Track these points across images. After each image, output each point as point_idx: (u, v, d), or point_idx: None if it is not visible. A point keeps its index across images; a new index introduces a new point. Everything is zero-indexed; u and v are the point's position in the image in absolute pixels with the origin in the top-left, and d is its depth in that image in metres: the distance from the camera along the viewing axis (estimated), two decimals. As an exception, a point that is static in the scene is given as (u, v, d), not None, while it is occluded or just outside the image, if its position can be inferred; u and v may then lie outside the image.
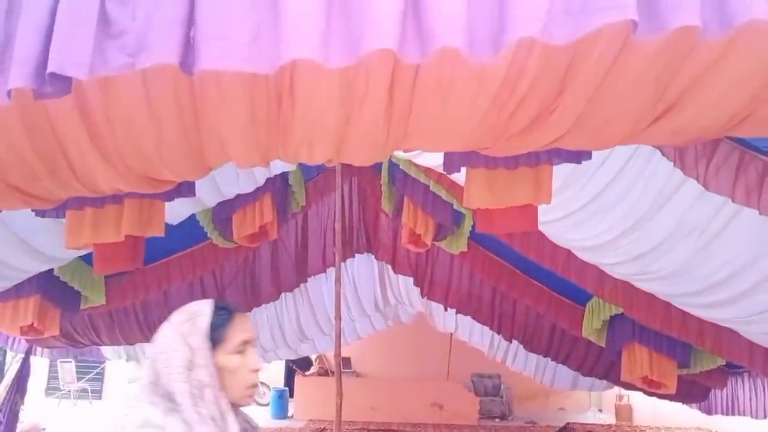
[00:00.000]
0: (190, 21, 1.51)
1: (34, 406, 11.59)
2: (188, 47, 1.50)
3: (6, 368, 6.81)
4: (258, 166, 2.33)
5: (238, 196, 4.95)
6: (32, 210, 3.36)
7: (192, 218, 5.07)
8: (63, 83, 1.55)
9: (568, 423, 8.50)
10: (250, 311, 7.23)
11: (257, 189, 5.00)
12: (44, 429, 9.57)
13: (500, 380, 12.71)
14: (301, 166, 5.56)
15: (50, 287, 5.05)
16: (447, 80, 1.76)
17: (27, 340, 6.18)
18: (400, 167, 5.01)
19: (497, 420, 12.08)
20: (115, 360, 8.14)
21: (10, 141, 2.07)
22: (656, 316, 4.35)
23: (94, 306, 5.69)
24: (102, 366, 14.23)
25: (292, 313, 7.65)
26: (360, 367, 13.18)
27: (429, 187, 4.79)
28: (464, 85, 1.78)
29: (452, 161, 2.98)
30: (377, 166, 5.71)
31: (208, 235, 5.36)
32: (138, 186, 2.43)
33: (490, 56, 1.53)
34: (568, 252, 4.29)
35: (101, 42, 1.52)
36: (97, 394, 13.79)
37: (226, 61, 1.51)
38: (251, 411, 7.95)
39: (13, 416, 6.57)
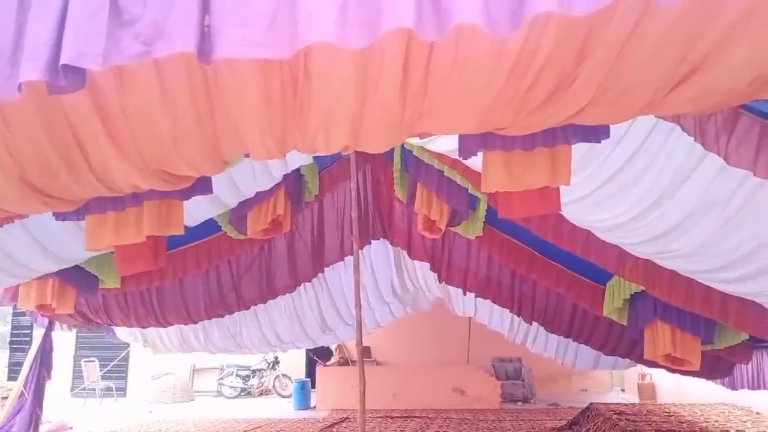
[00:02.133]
0: (205, 8, 1.49)
1: (61, 405, 11.76)
2: (204, 35, 1.48)
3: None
4: (274, 157, 2.31)
5: (256, 193, 4.96)
6: (52, 214, 3.38)
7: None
8: (77, 76, 1.53)
9: (591, 403, 8.45)
10: (264, 303, 7.25)
11: (271, 188, 4.99)
12: (71, 428, 9.70)
13: (521, 363, 12.68)
14: (316, 156, 5.55)
15: (68, 270, 5.11)
16: (463, 57, 1.73)
17: (42, 315, 6.26)
18: (413, 153, 4.96)
19: (519, 403, 12.07)
20: (132, 344, 8.18)
21: (28, 135, 2.07)
22: (679, 293, 4.29)
23: (109, 288, 5.75)
24: (126, 364, 14.41)
25: (313, 304, 7.65)
26: (380, 355, 13.21)
27: (443, 172, 4.75)
28: (480, 61, 1.75)
29: (468, 145, 2.93)
30: (390, 154, 5.68)
31: (223, 228, 5.38)
32: (154, 182, 2.41)
33: (508, 31, 1.49)
34: (588, 232, 4.24)
35: (114, 31, 1.50)
36: (122, 391, 13.95)
37: (244, 49, 1.49)
38: (273, 403, 7.99)
39: (39, 389, 6.67)
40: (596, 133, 2.68)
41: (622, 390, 13.24)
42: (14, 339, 13.82)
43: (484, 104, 1.95)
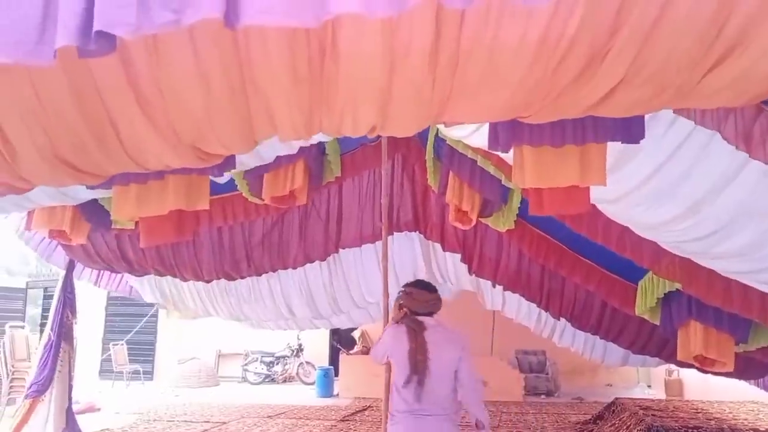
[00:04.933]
0: None
1: (89, 387, 12.01)
2: (232, 1, 1.48)
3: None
4: (302, 137, 2.29)
5: (276, 158, 4.90)
6: (87, 188, 3.44)
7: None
8: (108, 41, 1.53)
9: (616, 398, 8.34)
10: (275, 271, 7.24)
11: (291, 155, 4.88)
12: (99, 409, 9.90)
13: (545, 356, 12.58)
14: (341, 141, 5.51)
15: (83, 204, 5.01)
16: (493, 27, 1.71)
17: (56, 240, 6.24)
18: (447, 143, 4.90)
19: (543, 396, 11.98)
20: (154, 303, 8.25)
21: (59, 109, 2.08)
22: (716, 292, 4.14)
23: (124, 229, 5.67)
24: (153, 348, 14.66)
25: (327, 283, 7.59)
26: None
27: (476, 162, 4.68)
28: (511, 32, 1.71)
29: (497, 138, 2.89)
30: (423, 142, 5.61)
31: (238, 187, 5.34)
32: (187, 159, 2.41)
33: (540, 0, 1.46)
34: (623, 228, 4.12)
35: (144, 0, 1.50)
36: (149, 375, 14.21)
37: (268, 17, 1.48)
38: (296, 390, 8.00)
39: (65, 329, 6.81)
40: (630, 131, 2.59)
41: (649, 386, 13.06)
42: (45, 322, 14.13)
43: (515, 79, 1.91)
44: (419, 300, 3.64)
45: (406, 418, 3.39)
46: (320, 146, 5.26)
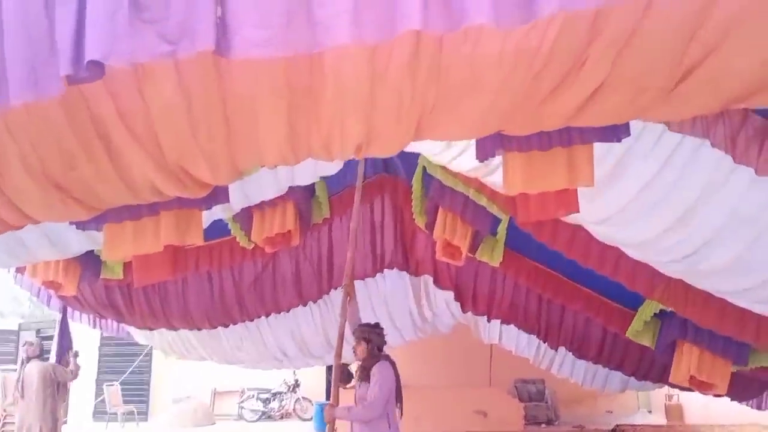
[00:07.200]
0: (223, 7, 1.52)
1: (83, 429, 11.79)
2: (223, 34, 1.51)
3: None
4: (288, 162, 2.31)
5: (261, 201, 4.91)
6: (73, 224, 3.43)
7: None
8: (97, 68, 1.56)
9: (617, 425, 8.27)
10: (267, 316, 7.19)
11: (279, 196, 4.93)
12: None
13: (544, 385, 12.48)
14: (327, 181, 5.54)
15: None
16: (471, 42, 1.78)
17: (49, 291, 6.32)
18: (436, 178, 4.93)
19: (543, 425, 11.85)
20: (146, 344, 8.18)
21: (49, 126, 2.10)
22: (711, 316, 4.16)
23: (113, 279, 5.73)
24: (147, 388, 14.45)
25: (318, 323, 7.53)
26: (402, 377, 13.07)
27: (468, 196, 4.71)
28: (489, 45, 1.80)
29: (485, 147, 2.92)
30: (409, 181, 5.64)
31: (231, 230, 5.34)
32: (173, 181, 2.42)
33: (518, 26, 1.52)
34: (618, 253, 4.15)
35: (139, 29, 1.53)
36: (144, 415, 13.97)
37: (262, 50, 1.53)
38: (294, 426, 7.93)
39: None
40: (615, 131, 2.64)
41: (649, 411, 12.96)
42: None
43: (494, 86, 1.95)
44: (382, 337, 4.43)
45: None
46: (308, 188, 5.28)
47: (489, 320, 7.02)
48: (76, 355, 6.99)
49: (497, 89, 1.99)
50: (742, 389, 5.55)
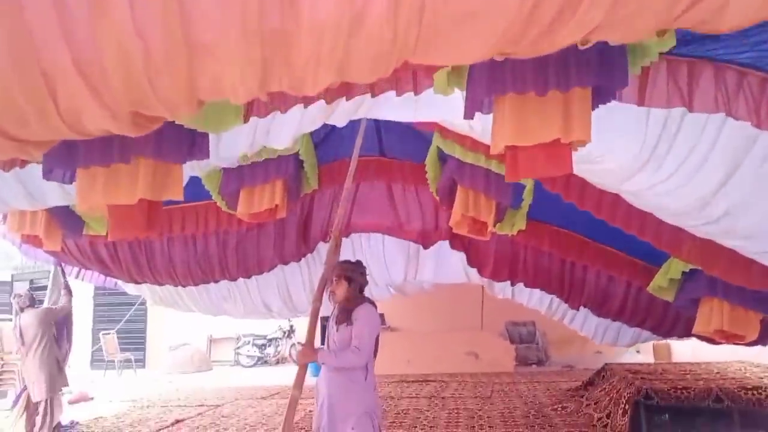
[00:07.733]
0: None
1: (81, 376, 11.97)
2: None
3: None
4: (256, 96, 2.19)
5: (251, 170, 4.79)
6: (44, 177, 3.31)
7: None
8: None
9: (606, 364, 8.44)
10: (249, 277, 7.21)
11: (268, 172, 4.81)
12: (92, 398, 9.88)
13: (535, 327, 12.72)
14: (317, 151, 5.41)
15: (56, 208, 4.93)
16: None
17: (28, 244, 6.30)
18: (455, 157, 4.74)
19: (534, 366, 12.13)
20: (133, 291, 8.23)
21: None
22: (738, 274, 4.14)
23: (98, 236, 5.68)
24: (143, 335, 14.62)
25: (306, 280, 7.54)
26: (394, 322, 13.28)
27: (490, 169, 4.57)
28: None
29: (476, 92, 2.78)
30: (414, 158, 5.53)
31: (214, 199, 5.25)
32: (126, 126, 2.28)
33: None
34: (644, 214, 4.08)
35: None
36: (141, 362, 14.18)
37: None
38: (290, 371, 7.99)
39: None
40: (612, 76, 2.53)
41: (638, 351, 13.23)
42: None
43: (486, 28, 1.87)
44: (365, 277, 3.94)
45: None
46: (296, 160, 5.08)
47: (512, 284, 7.01)
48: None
49: (489, 29, 1.89)
50: (766, 334, 5.59)
